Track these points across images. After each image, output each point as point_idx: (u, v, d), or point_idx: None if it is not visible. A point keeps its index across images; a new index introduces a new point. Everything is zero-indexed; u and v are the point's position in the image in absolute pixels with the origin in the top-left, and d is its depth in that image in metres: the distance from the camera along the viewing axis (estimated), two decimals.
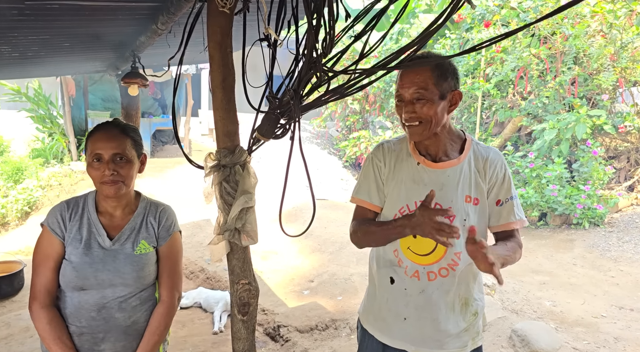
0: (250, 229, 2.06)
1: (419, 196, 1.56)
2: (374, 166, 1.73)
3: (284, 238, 6.62)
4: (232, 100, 2.11)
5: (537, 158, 6.34)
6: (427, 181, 1.60)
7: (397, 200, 1.64)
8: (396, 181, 1.66)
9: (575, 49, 5.91)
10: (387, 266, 1.69)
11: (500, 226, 1.62)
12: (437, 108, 1.52)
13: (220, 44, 2.01)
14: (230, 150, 2.08)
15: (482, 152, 1.65)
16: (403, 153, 1.69)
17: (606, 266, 4.94)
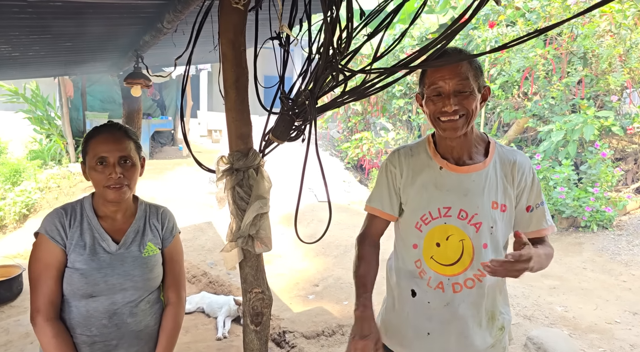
0: (265, 235, 1.97)
1: (442, 202, 1.50)
2: (387, 173, 1.66)
3: (287, 241, 6.56)
4: (246, 101, 2.02)
5: (543, 160, 6.26)
6: (451, 186, 1.51)
7: (418, 207, 1.56)
8: (416, 186, 1.58)
9: (583, 48, 5.83)
10: (408, 277, 1.61)
11: (531, 232, 1.53)
12: (476, 101, 1.44)
13: (233, 42, 1.91)
14: (243, 154, 2.00)
15: (509, 156, 1.56)
16: (423, 157, 1.60)
17: (617, 270, 4.86)
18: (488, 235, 1.49)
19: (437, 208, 1.51)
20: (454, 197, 1.49)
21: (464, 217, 1.48)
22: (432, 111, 1.47)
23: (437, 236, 1.52)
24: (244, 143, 1.98)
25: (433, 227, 1.52)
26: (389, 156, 1.68)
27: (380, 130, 9.63)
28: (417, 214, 1.55)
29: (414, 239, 1.57)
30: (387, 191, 1.64)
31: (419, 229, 1.55)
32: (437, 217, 1.51)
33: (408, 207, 1.60)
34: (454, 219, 1.49)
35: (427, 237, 1.54)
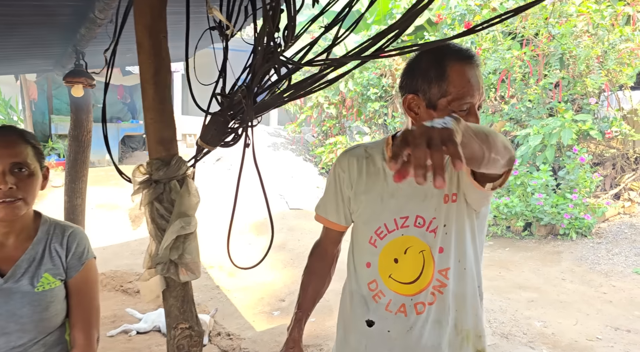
0: (191, 260, 1.63)
1: (399, 211, 1.31)
2: (336, 178, 1.45)
3: (255, 251, 6.21)
4: (167, 100, 1.67)
5: (521, 165, 6.06)
6: (408, 192, 1.31)
7: (370, 219, 1.36)
8: (369, 196, 1.37)
9: (561, 49, 5.65)
10: (361, 303, 1.39)
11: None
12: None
13: (149, 28, 1.57)
14: (164, 162, 1.65)
15: None
16: (378, 161, 1.39)
17: (597, 281, 4.66)
18: (444, 237, 1.29)
19: (393, 219, 1.32)
20: (412, 205, 1.30)
21: (421, 224, 1.30)
22: None
23: (394, 250, 1.32)
24: (166, 149, 1.64)
25: (390, 240, 1.33)
26: (339, 157, 1.47)
27: (357, 134, 9.37)
28: (371, 227, 1.35)
29: (367, 256, 1.37)
30: (334, 198, 1.45)
31: (373, 245, 1.35)
32: (393, 230, 1.32)
33: (359, 218, 1.41)
34: (411, 229, 1.30)
35: (382, 253, 1.34)
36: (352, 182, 1.40)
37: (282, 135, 10.55)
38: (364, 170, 1.39)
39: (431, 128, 0.67)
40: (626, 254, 5.08)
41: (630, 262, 4.95)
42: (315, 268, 1.53)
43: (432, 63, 1.23)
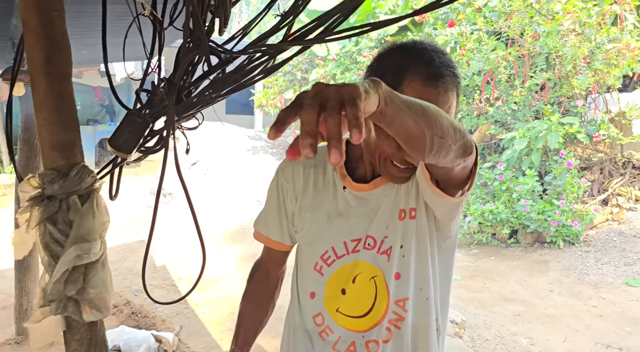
0: (96, 295, 1.31)
1: (350, 233, 1.10)
2: (278, 188, 1.22)
3: (228, 262, 5.87)
4: (67, 94, 1.36)
5: (506, 169, 5.82)
6: (359, 211, 1.10)
7: (316, 240, 1.15)
8: (316, 212, 1.15)
9: (547, 49, 5.42)
10: (304, 340, 1.18)
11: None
12: None
13: (37, 2, 1.26)
14: (61, 173, 1.33)
15: None
16: (328, 171, 1.16)
17: (586, 293, 4.40)
18: (401, 259, 1.07)
19: (342, 242, 1.11)
20: (364, 223, 1.10)
21: (371, 245, 1.09)
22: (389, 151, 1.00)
23: (342, 279, 1.12)
24: (64, 157, 1.32)
25: (338, 267, 1.12)
26: (282, 164, 1.24)
27: None
28: (316, 250, 1.14)
29: (311, 285, 1.16)
30: (276, 212, 1.22)
31: (319, 272, 1.14)
32: (343, 255, 1.11)
33: (303, 239, 1.19)
34: (362, 253, 1.10)
35: (329, 282, 1.14)
36: (297, 194, 1.18)
37: (263, 139, 10.23)
38: (311, 181, 1.16)
39: (328, 86, 0.52)
40: (615, 264, 4.85)
41: (620, 272, 4.71)
42: (255, 294, 1.31)
43: (392, 70, 0.98)
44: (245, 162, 8.45)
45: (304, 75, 8.91)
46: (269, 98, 8.91)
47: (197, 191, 7.55)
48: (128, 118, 1.40)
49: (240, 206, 7.09)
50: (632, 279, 4.53)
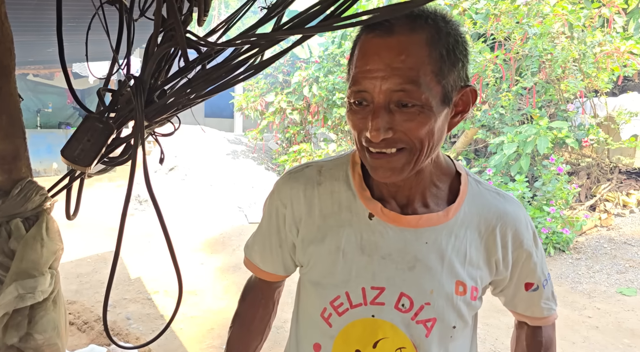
0: (44, 342, 1.07)
1: (371, 277, 0.86)
2: (272, 213, 0.98)
3: (207, 273, 5.59)
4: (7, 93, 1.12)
5: (495, 175, 5.69)
6: (387, 250, 0.86)
7: (325, 281, 0.90)
8: (325, 246, 0.89)
9: (537, 51, 5.32)
10: None
11: (535, 319, 1.00)
12: (437, 122, 0.77)
13: None
14: (0, 191, 1.10)
15: (491, 204, 0.90)
16: (340, 190, 0.91)
17: (580, 303, 4.28)
18: (447, 340, 0.87)
19: (360, 288, 0.87)
20: (392, 271, 0.86)
21: (406, 308, 0.86)
22: (356, 130, 0.81)
23: (357, 337, 0.88)
24: (4, 171, 1.08)
25: (352, 320, 0.88)
26: (279, 182, 0.99)
27: (322, 141, 8.89)
28: (325, 294, 0.90)
29: (316, 334, 0.93)
30: (269, 238, 0.99)
31: (327, 322, 0.90)
32: (359, 304, 0.87)
33: (308, 276, 0.94)
34: (388, 311, 0.86)
35: (340, 337, 0.89)
36: (298, 223, 0.93)
37: (244, 143, 9.95)
38: (316, 204, 0.91)
39: None
40: (608, 272, 4.75)
41: (613, 280, 4.61)
42: (248, 318, 1.09)
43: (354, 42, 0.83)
44: (225, 167, 8.17)
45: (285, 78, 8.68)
46: (250, 101, 8.66)
47: (174, 198, 7.23)
48: (87, 123, 1.16)
49: (220, 213, 6.82)
50: (625, 288, 4.43)
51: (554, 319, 1.02)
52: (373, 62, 0.74)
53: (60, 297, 1.17)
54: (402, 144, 0.76)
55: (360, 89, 0.76)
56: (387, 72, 0.73)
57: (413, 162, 0.79)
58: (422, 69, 0.73)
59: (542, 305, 0.98)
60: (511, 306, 1.01)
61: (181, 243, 6.07)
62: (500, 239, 0.88)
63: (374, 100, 0.75)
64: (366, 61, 0.75)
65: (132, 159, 1.13)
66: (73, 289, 4.99)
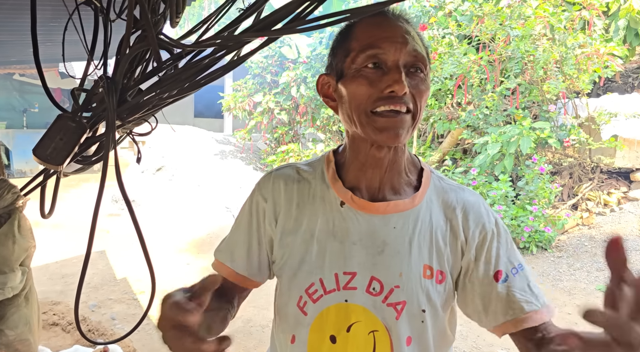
0: (15, 338, 1.09)
1: (342, 263, 0.90)
2: (252, 209, 1.00)
3: (193, 273, 5.60)
4: None
5: (479, 174, 5.77)
6: (358, 236, 0.91)
7: (301, 270, 0.93)
8: (301, 235, 0.94)
9: (519, 53, 5.41)
10: None
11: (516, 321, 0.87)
12: (427, 96, 0.90)
13: None
14: None
15: (452, 194, 0.96)
16: (316, 185, 0.97)
17: (560, 300, 4.36)
18: (418, 323, 0.89)
19: (333, 274, 0.91)
20: (362, 256, 0.90)
21: (377, 291, 0.89)
22: (364, 97, 0.85)
23: (331, 322, 0.91)
24: None
25: (326, 306, 0.91)
26: (261, 180, 1.03)
27: (310, 141, 8.92)
28: (301, 283, 0.93)
29: (292, 326, 0.95)
30: (246, 239, 0.99)
31: (302, 310, 0.93)
32: (333, 290, 0.91)
33: (284, 270, 0.96)
34: (360, 295, 0.90)
35: (315, 324, 0.92)
36: (277, 215, 0.97)
37: (232, 143, 9.95)
38: (295, 198, 0.96)
39: None
40: (588, 270, 4.84)
41: (593, 278, 4.70)
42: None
43: (341, 29, 0.94)
44: (213, 168, 8.17)
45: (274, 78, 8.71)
46: (238, 101, 8.67)
47: (162, 198, 7.22)
48: (59, 122, 1.18)
49: (207, 213, 6.82)
50: (604, 285, 4.52)
51: (541, 318, 0.87)
52: (390, 30, 0.85)
53: (33, 293, 1.18)
54: (410, 104, 0.84)
55: (380, 52, 0.83)
56: (404, 38, 0.84)
57: (411, 128, 0.87)
58: (422, 48, 0.87)
59: (519, 297, 0.87)
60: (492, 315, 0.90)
61: (168, 243, 6.06)
62: (462, 223, 0.92)
63: (395, 60, 0.83)
64: (383, 29, 0.85)
65: (104, 158, 1.15)
66: (58, 289, 4.97)
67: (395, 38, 0.84)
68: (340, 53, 0.89)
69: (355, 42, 0.86)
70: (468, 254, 0.91)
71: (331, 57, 0.94)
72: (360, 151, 0.92)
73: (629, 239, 5.17)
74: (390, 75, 0.82)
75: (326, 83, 0.94)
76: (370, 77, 0.84)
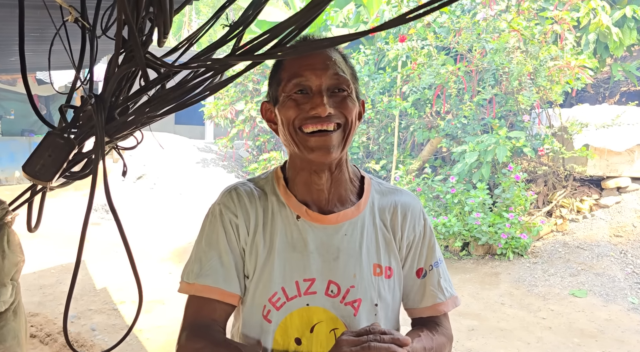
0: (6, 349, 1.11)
1: (302, 271, 1.00)
2: (225, 225, 1.04)
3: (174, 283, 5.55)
4: None
5: (458, 182, 5.90)
6: (315, 246, 1.01)
7: (265, 281, 1.01)
8: (264, 247, 1.02)
9: (494, 65, 5.58)
10: None
11: (425, 309, 1.09)
12: (356, 110, 1.01)
13: None
14: None
15: (389, 196, 1.10)
16: (272, 200, 1.06)
17: (535, 305, 4.49)
18: (371, 316, 1.01)
19: (294, 282, 1.00)
20: (319, 263, 1.00)
21: (335, 293, 1.00)
22: (292, 118, 0.98)
23: (295, 326, 1.00)
24: None
25: (289, 312, 1.00)
26: (223, 197, 1.08)
27: None
28: (264, 293, 1.01)
29: (257, 332, 1.02)
30: (227, 256, 1.02)
31: (267, 318, 1.01)
32: (294, 297, 1.00)
33: (250, 282, 1.03)
34: (320, 298, 1.00)
35: (279, 330, 1.00)
36: (249, 229, 1.03)
37: (214, 151, 9.93)
38: (257, 213, 1.04)
39: None
40: (561, 275, 4.99)
41: (566, 283, 4.85)
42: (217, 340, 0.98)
43: (275, 61, 1.08)
44: (195, 176, 8.15)
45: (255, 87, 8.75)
46: (220, 109, 8.68)
47: (142, 206, 7.17)
48: (48, 139, 1.22)
49: (189, 221, 6.79)
50: (577, 290, 4.68)
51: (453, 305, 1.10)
52: (312, 57, 0.97)
53: (21, 307, 1.21)
54: (338, 120, 0.96)
55: (303, 80, 0.96)
56: (325, 65, 0.97)
57: (344, 141, 0.98)
58: (344, 69, 0.99)
59: (435, 289, 1.07)
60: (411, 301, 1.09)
61: (149, 252, 6.02)
62: (400, 222, 1.07)
63: (318, 85, 0.95)
64: (306, 58, 0.98)
65: (93, 175, 1.19)
66: (36, 301, 4.89)
67: (316, 65, 0.96)
68: (274, 82, 1.02)
69: (284, 72, 0.99)
70: (402, 250, 1.07)
71: (269, 87, 1.06)
72: (303, 169, 1.03)
73: (600, 244, 5.36)
74: (313, 99, 0.94)
75: (267, 109, 1.06)
76: (298, 100, 0.96)
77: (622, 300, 4.52)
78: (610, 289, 4.68)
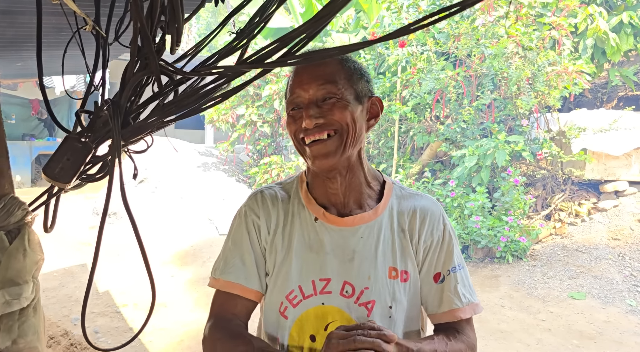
0: (25, 346, 1.16)
1: (318, 271, 1.04)
2: (249, 226, 1.12)
3: (177, 285, 5.61)
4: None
5: (458, 186, 5.96)
6: (330, 247, 1.05)
7: (283, 278, 1.06)
8: (284, 248, 1.08)
9: (493, 70, 5.65)
10: None
11: (442, 314, 1.08)
12: (355, 112, 1.03)
13: None
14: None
15: (409, 201, 1.12)
16: (293, 203, 1.12)
17: (535, 307, 4.53)
18: (386, 319, 1.03)
19: (310, 281, 1.04)
20: (335, 264, 1.04)
21: (349, 293, 1.03)
22: (293, 132, 1.06)
23: (310, 323, 1.04)
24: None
25: (305, 310, 1.04)
26: (249, 200, 1.16)
27: (293, 153, 9.02)
28: (282, 290, 1.06)
29: (274, 329, 1.08)
30: (251, 255, 1.10)
31: (284, 315, 1.06)
32: (310, 295, 1.04)
33: (269, 280, 1.09)
34: (335, 297, 1.04)
35: (296, 325, 1.05)
36: (270, 229, 1.10)
37: (214, 155, 9.98)
38: (279, 216, 1.11)
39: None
40: (560, 278, 5.03)
41: (565, 286, 4.90)
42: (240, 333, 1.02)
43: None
44: (196, 179, 8.20)
45: (256, 91, 8.81)
46: (220, 113, 8.74)
47: (144, 210, 7.21)
48: (67, 143, 1.27)
49: (190, 225, 6.84)
50: (576, 293, 4.72)
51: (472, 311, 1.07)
52: (303, 76, 1.03)
53: (40, 304, 1.25)
54: (331, 128, 1.00)
55: (295, 96, 1.03)
56: (313, 79, 1.01)
57: (343, 145, 1.00)
58: (337, 74, 1.02)
59: (454, 295, 1.05)
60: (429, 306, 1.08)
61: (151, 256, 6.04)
62: (418, 227, 1.08)
63: (306, 99, 1.01)
64: (298, 75, 1.04)
65: (109, 177, 1.24)
66: None
67: (304, 81, 1.02)
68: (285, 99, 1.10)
69: (287, 91, 1.07)
70: (419, 254, 1.08)
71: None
72: (317, 175, 1.09)
73: (599, 247, 5.41)
74: (302, 114, 1.01)
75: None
76: (294, 116, 1.04)
77: (620, 302, 4.56)
78: (608, 292, 4.73)
